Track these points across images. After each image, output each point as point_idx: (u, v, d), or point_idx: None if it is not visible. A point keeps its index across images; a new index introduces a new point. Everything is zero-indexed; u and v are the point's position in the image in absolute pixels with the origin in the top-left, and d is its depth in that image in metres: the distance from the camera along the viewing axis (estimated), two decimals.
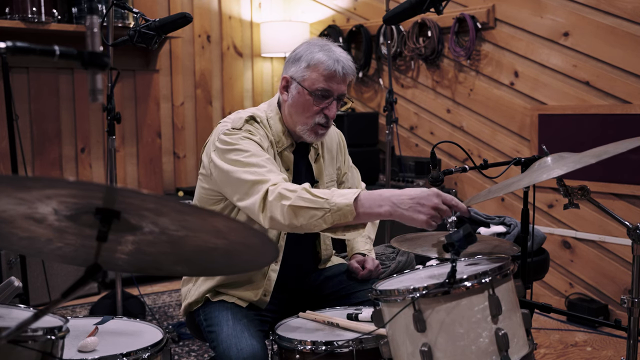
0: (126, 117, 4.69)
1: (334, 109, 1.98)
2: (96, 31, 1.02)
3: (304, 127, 1.99)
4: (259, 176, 1.78)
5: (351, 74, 1.99)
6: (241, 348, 1.78)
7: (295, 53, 2.01)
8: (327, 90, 1.95)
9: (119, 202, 1.03)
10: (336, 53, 1.97)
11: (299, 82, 1.97)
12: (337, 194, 1.70)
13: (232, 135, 1.90)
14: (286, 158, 2.03)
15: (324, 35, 5.19)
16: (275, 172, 1.81)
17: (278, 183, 1.75)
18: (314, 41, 2.02)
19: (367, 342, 1.64)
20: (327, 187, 2.13)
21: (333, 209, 1.67)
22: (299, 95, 1.98)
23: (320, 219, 1.68)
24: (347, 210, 1.66)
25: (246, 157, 1.84)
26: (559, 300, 3.80)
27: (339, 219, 1.67)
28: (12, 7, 3.87)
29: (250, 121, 1.96)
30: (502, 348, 1.39)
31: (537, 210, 3.71)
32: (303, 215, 1.68)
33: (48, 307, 1.04)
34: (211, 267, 1.33)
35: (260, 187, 1.76)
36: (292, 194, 1.70)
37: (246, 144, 1.88)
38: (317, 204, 1.68)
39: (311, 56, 1.96)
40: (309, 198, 1.69)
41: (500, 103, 4.08)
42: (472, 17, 4.10)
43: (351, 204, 1.66)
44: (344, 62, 1.96)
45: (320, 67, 1.94)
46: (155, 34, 2.60)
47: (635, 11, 3.39)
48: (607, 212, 1.80)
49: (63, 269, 3.89)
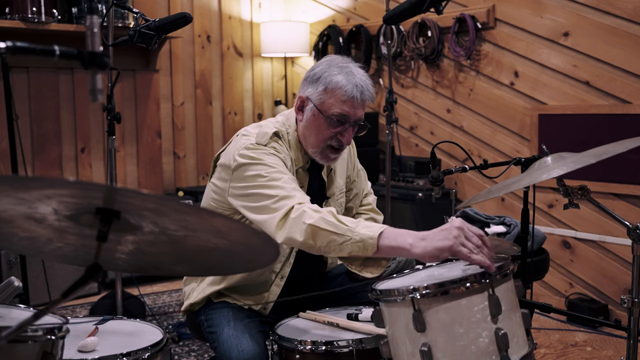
0: (126, 117, 4.69)
1: (349, 135, 1.92)
2: (96, 31, 1.02)
3: (316, 150, 1.94)
4: (285, 192, 1.74)
5: (370, 99, 1.92)
6: (242, 349, 1.78)
7: (314, 73, 1.93)
8: (344, 115, 1.89)
9: (119, 202, 1.03)
10: (356, 77, 1.89)
11: (315, 104, 1.91)
12: (363, 224, 1.64)
13: (257, 150, 1.85)
14: (301, 176, 1.99)
15: (324, 36, 5.19)
16: (301, 192, 1.77)
17: (304, 202, 1.71)
18: (335, 61, 1.94)
19: (367, 342, 1.64)
20: (337, 200, 2.11)
21: (355, 238, 1.61)
22: (313, 118, 1.92)
23: (338, 246, 1.63)
24: (369, 244, 1.60)
25: (271, 172, 1.79)
26: (559, 300, 3.80)
27: (359, 250, 1.62)
28: (12, 7, 3.87)
29: (275, 137, 1.91)
30: (502, 348, 1.39)
31: (537, 210, 3.71)
32: (321, 237, 1.64)
33: (48, 307, 1.04)
34: (211, 267, 1.33)
35: (284, 203, 1.71)
36: (315, 214, 1.65)
37: (272, 159, 1.83)
38: (340, 230, 1.63)
39: (330, 79, 1.88)
40: (332, 222, 1.64)
41: (500, 103, 4.08)
42: (472, 17, 4.10)
43: (375, 237, 1.59)
44: (363, 87, 1.89)
45: (338, 92, 1.87)
46: (155, 34, 2.60)
47: (635, 11, 3.39)
48: (607, 212, 1.80)
49: (63, 269, 3.89)
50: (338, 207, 2.12)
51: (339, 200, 2.13)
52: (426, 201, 4.11)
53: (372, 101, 1.94)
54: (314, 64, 1.99)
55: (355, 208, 2.27)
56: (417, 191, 4.15)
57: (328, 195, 2.09)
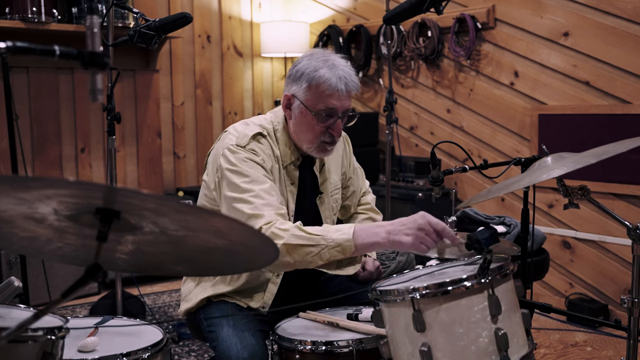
0: (126, 117, 4.69)
1: (339, 127, 1.93)
2: (96, 31, 1.02)
3: (311, 146, 1.94)
4: (254, 210, 1.76)
5: (355, 89, 1.91)
6: (241, 348, 1.78)
7: (297, 69, 1.93)
8: (331, 109, 1.89)
9: (119, 202, 1.03)
10: (339, 69, 1.88)
11: (301, 101, 1.91)
12: (332, 229, 1.70)
13: (235, 153, 1.86)
14: (291, 172, 1.99)
15: (324, 36, 5.19)
16: (273, 207, 1.78)
17: (272, 222, 1.73)
18: (316, 55, 1.93)
19: (367, 342, 1.64)
20: (331, 196, 2.11)
21: (330, 244, 1.67)
22: (302, 115, 1.92)
23: (315, 256, 1.69)
24: (347, 246, 1.67)
25: (245, 182, 1.81)
26: (559, 300, 3.80)
27: (337, 254, 1.68)
28: (12, 7, 3.87)
29: (257, 137, 1.91)
30: (502, 348, 1.39)
31: (537, 210, 3.70)
32: (297, 252, 1.69)
33: (48, 307, 1.04)
34: (211, 267, 1.33)
35: (253, 222, 1.74)
36: (284, 233, 1.69)
37: (248, 167, 1.84)
38: (313, 241, 1.68)
39: (313, 74, 1.88)
40: (302, 235, 1.69)
41: (500, 103, 4.08)
42: (472, 17, 4.10)
43: (351, 239, 1.67)
44: (346, 78, 1.88)
45: (322, 86, 1.87)
46: (155, 34, 2.60)
47: (635, 11, 3.39)
48: (607, 212, 1.80)
49: (63, 269, 3.89)
50: (333, 203, 2.12)
51: (334, 196, 2.13)
52: (426, 201, 4.11)
53: (357, 90, 1.93)
54: (295, 60, 1.98)
55: (353, 207, 2.26)
56: (417, 191, 4.15)
57: (321, 190, 2.08)
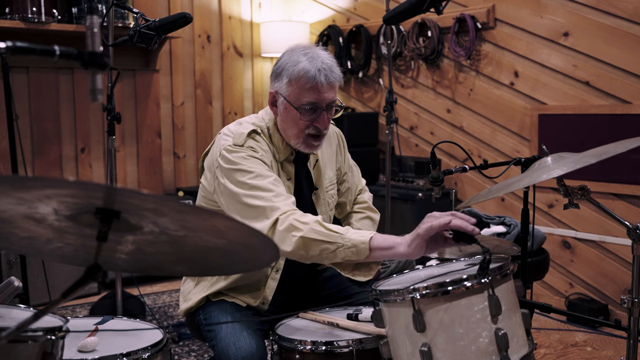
0: (126, 117, 4.69)
1: (324, 119, 1.91)
2: (96, 31, 1.02)
3: (298, 141, 1.94)
4: (267, 202, 1.75)
5: (337, 80, 1.90)
6: (239, 347, 1.78)
7: (277, 66, 1.92)
8: (313, 102, 1.88)
9: (119, 202, 1.03)
10: (318, 61, 1.86)
11: (284, 97, 1.90)
12: (352, 230, 1.70)
13: (234, 152, 1.85)
14: (287, 168, 2.00)
15: (324, 36, 5.19)
16: (283, 197, 1.78)
17: (288, 211, 1.73)
18: (296, 50, 1.92)
19: (367, 342, 1.64)
20: (327, 191, 2.12)
21: (347, 244, 1.66)
22: (286, 111, 1.91)
23: (331, 253, 1.68)
24: (361, 248, 1.66)
25: (251, 178, 1.80)
26: (559, 300, 3.80)
27: (352, 255, 1.67)
28: (12, 7, 3.87)
29: (252, 134, 1.91)
30: (502, 348, 1.39)
31: (537, 210, 3.71)
32: (314, 247, 1.68)
33: (48, 307, 1.04)
34: (211, 267, 1.33)
35: (269, 214, 1.73)
36: (304, 226, 1.69)
37: (250, 163, 1.83)
38: (331, 238, 1.67)
39: (292, 69, 1.87)
40: (322, 231, 1.68)
41: (500, 103, 4.08)
42: (472, 17, 4.10)
43: (367, 242, 1.65)
44: (327, 70, 1.87)
45: (302, 80, 1.85)
46: (155, 34, 2.60)
47: (635, 11, 3.39)
48: (607, 212, 1.80)
49: (63, 269, 3.89)
50: (329, 199, 2.13)
51: (330, 191, 2.13)
52: (426, 201, 4.11)
53: (339, 81, 1.91)
54: (278, 57, 1.98)
55: (348, 204, 2.26)
56: (417, 191, 4.15)
57: (316, 186, 2.08)
